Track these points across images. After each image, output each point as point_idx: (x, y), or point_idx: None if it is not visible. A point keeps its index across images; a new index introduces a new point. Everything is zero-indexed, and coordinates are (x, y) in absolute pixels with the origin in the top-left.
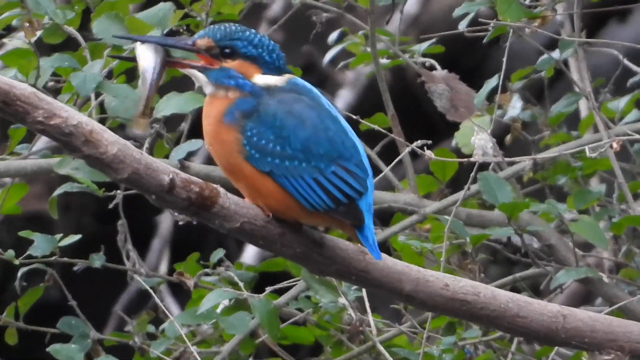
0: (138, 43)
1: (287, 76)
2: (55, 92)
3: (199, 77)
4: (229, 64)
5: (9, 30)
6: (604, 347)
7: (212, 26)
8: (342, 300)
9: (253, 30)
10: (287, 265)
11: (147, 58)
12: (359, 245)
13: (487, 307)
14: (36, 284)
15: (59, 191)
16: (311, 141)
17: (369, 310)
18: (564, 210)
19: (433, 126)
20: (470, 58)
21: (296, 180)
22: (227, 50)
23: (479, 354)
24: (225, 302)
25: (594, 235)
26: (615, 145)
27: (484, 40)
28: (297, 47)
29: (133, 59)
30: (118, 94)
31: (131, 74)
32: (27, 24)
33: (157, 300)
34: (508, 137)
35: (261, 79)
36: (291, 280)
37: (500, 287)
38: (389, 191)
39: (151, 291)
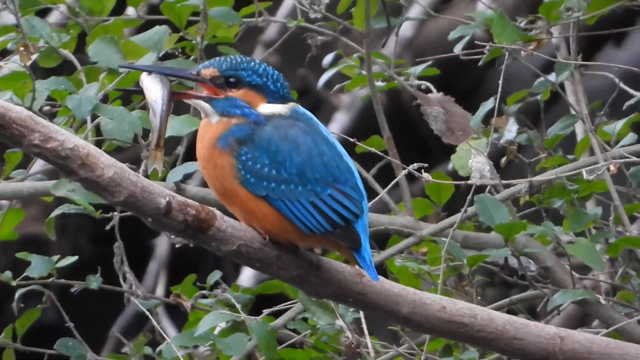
0: (144, 74)
1: (291, 104)
2: (51, 116)
3: (205, 108)
4: (234, 93)
5: (4, 54)
6: None
7: (217, 57)
8: (339, 322)
9: (257, 60)
10: (284, 288)
11: (154, 90)
12: (356, 267)
13: (484, 330)
14: (33, 305)
15: (56, 212)
16: (306, 165)
17: (366, 332)
18: (560, 232)
19: (429, 149)
20: (465, 81)
21: (292, 204)
22: (232, 80)
23: None
24: (223, 324)
25: (591, 257)
26: (612, 167)
27: (480, 63)
28: (293, 71)
29: (139, 92)
30: (114, 116)
31: (126, 97)
32: (22, 48)
33: (154, 322)
34: (503, 160)
35: (266, 108)
36: (288, 302)
37: (497, 309)
38: (385, 214)
39: (148, 313)
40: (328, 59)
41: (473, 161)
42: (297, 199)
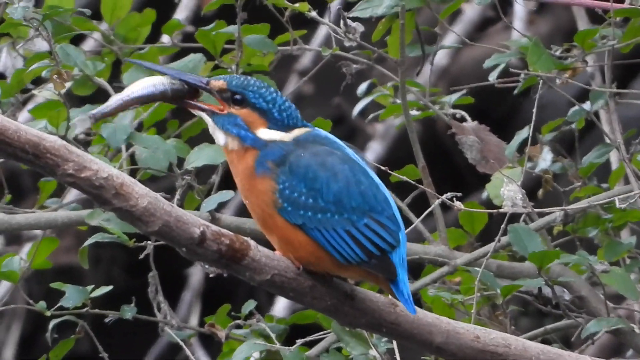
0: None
1: (295, 132)
2: (85, 144)
3: (208, 121)
4: (237, 111)
5: (38, 82)
6: None
7: (229, 75)
8: (372, 352)
9: (271, 88)
10: (318, 318)
11: (137, 84)
12: (390, 297)
13: None
14: (67, 335)
15: (90, 241)
16: (343, 194)
17: None
18: (594, 261)
19: (463, 178)
20: (500, 109)
21: (328, 233)
22: (237, 97)
23: None
24: (256, 355)
25: (625, 286)
26: None
27: (515, 92)
28: (327, 99)
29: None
30: (149, 145)
31: (162, 126)
32: (56, 76)
33: (188, 352)
34: (540, 192)
35: (265, 134)
36: (322, 332)
37: (531, 339)
38: (419, 243)
39: (182, 343)
40: (362, 87)
41: (505, 189)
42: (333, 227)
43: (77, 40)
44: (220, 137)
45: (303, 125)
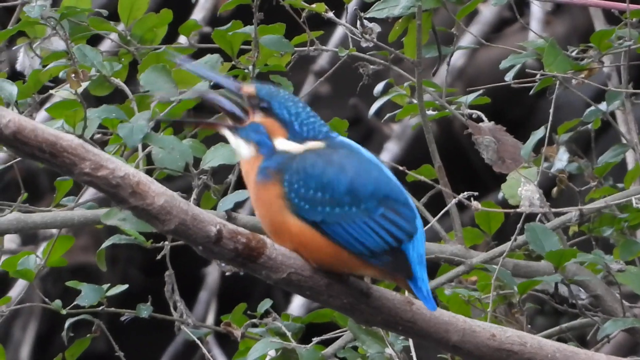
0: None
1: (310, 144)
2: (102, 144)
3: (230, 137)
4: (261, 118)
5: (55, 81)
6: None
7: (262, 83)
8: (388, 350)
9: (300, 102)
10: (334, 316)
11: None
12: (406, 294)
13: (534, 357)
14: (83, 334)
15: (107, 243)
16: (356, 183)
17: None
18: (610, 261)
19: (480, 178)
20: (516, 110)
21: (350, 226)
22: (264, 105)
23: None
24: (273, 353)
25: None
26: None
27: (531, 92)
28: (344, 100)
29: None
30: (165, 145)
31: (178, 126)
32: (73, 75)
33: (205, 351)
34: (555, 190)
35: (282, 144)
36: (338, 330)
37: (547, 337)
38: (435, 242)
39: (198, 342)
40: (379, 87)
41: (522, 189)
42: (352, 220)
43: (94, 40)
44: (243, 149)
45: (325, 137)
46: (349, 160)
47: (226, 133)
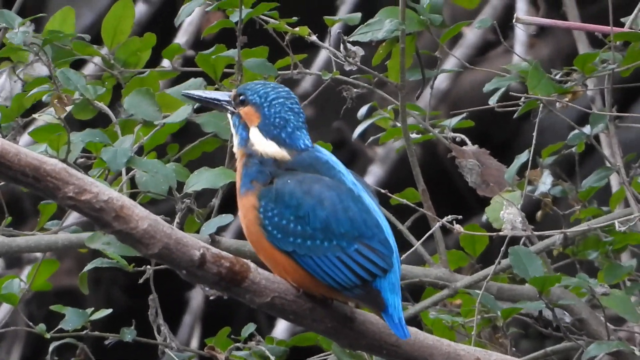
0: None
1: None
2: (85, 168)
3: (231, 128)
4: (241, 110)
5: (39, 106)
6: None
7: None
8: None
9: (271, 84)
10: (318, 340)
11: None
12: None
13: None
14: (67, 358)
15: (89, 267)
16: (331, 221)
17: None
18: (595, 284)
19: (464, 201)
20: (500, 133)
21: (320, 259)
22: (241, 98)
23: None
24: None
25: (625, 309)
26: None
27: (515, 115)
28: (328, 123)
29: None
30: (149, 169)
31: (162, 149)
32: (57, 101)
33: None
34: (539, 214)
35: (255, 136)
36: (322, 354)
37: None
38: (419, 265)
39: None
40: (363, 111)
41: (504, 212)
42: (324, 254)
43: (78, 64)
44: (234, 138)
45: (293, 145)
46: (329, 193)
47: (228, 116)
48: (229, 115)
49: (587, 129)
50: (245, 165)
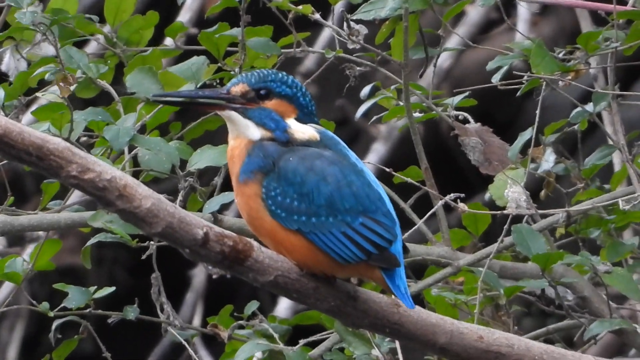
0: None
1: (309, 132)
2: (88, 147)
3: (239, 121)
4: (267, 104)
5: (42, 84)
6: None
7: (244, 73)
8: (375, 352)
9: (284, 73)
10: (321, 318)
11: None
12: (393, 297)
13: (522, 359)
14: (70, 336)
15: (92, 241)
16: (335, 196)
17: None
18: (597, 262)
19: (466, 179)
20: (503, 111)
21: (325, 236)
22: (262, 92)
23: None
24: (259, 355)
25: (628, 287)
26: None
27: (518, 94)
28: (331, 101)
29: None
30: (151, 147)
31: (165, 128)
32: (62, 82)
33: (191, 352)
34: (542, 193)
35: (295, 125)
36: (325, 332)
37: (534, 339)
38: (422, 244)
39: (185, 343)
40: (366, 90)
41: (509, 191)
42: (329, 230)
43: (80, 43)
44: (254, 132)
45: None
46: (332, 168)
47: (232, 114)
48: (233, 113)
49: (589, 107)
50: (249, 154)
